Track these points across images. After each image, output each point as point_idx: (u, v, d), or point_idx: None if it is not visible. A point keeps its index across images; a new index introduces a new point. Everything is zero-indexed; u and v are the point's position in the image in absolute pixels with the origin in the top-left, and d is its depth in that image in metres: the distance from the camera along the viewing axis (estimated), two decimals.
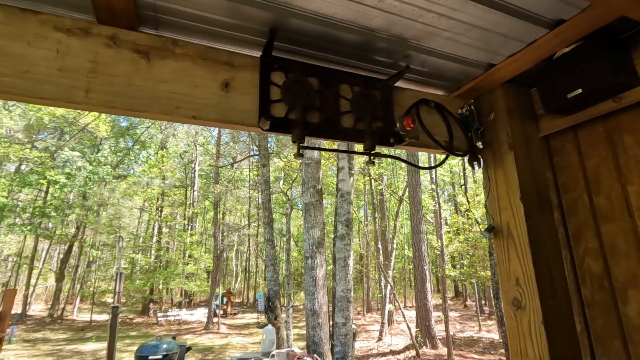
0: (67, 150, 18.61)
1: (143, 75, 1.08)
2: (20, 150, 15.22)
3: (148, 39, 1.12)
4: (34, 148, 17.30)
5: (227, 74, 1.20)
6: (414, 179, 12.67)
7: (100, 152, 20.15)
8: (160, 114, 1.08)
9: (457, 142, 1.54)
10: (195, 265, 21.17)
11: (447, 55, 1.36)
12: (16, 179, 17.40)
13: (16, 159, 17.23)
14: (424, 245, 11.96)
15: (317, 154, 5.70)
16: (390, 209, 21.77)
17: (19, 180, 17.15)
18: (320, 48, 1.29)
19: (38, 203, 20.11)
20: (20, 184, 17.18)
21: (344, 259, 5.06)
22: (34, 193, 20.96)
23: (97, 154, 19.79)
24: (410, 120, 1.32)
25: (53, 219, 19.62)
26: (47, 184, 17.77)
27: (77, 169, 18.60)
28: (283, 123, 1.21)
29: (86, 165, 17.97)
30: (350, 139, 1.31)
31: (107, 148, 20.64)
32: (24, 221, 18.94)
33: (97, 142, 19.85)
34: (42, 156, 16.23)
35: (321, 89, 1.32)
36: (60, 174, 16.02)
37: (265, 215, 7.54)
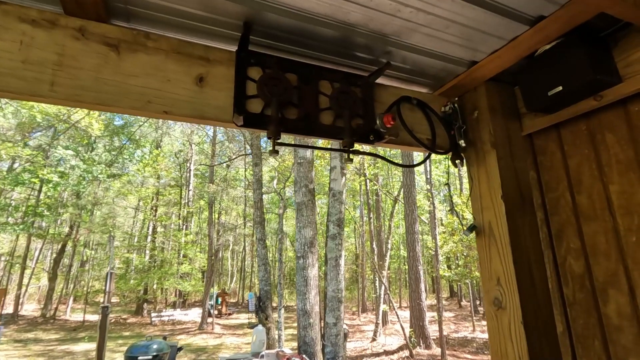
0: (61, 148, 18.46)
1: (112, 69, 1.05)
2: (12, 148, 15.06)
3: (118, 31, 1.09)
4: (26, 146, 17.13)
5: (201, 69, 1.17)
6: (409, 179, 12.68)
7: (95, 150, 20.01)
8: (130, 108, 1.05)
9: (440, 140, 1.52)
10: (189, 265, 21.07)
11: (428, 52, 1.34)
12: (8, 177, 17.23)
13: (8, 157, 17.05)
14: (418, 246, 11.97)
15: (310, 153, 5.68)
16: (386, 209, 21.80)
17: (12, 179, 16.98)
18: (298, 43, 1.27)
19: (31, 202, 19.94)
20: (12, 183, 17.02)
21: (335, 258, 5.04)
22: (27, 192, 20.77)
23: (92, 153, 19.65)
24: (391, 117, 1.30)
25: (46, 218, 19.45)
26: (40, 182, 17.61)
27: (70, 167, 18.45)
28: (258, 119, 1.19)
29: (80, 164, 17.83)
30: (328, 136, 1.29)
31: (102, 147, 20.50)
32: (17, 220, 18.77)
33: (91, 141, 19.70)
34: (33, 154, 16.05)
35: (300, 85, 1.29)
36: (53, 173, 15.87)
37: (257, 214, 7.50)
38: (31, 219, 18.68)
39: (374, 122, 1.37)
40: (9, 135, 16.79)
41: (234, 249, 32.06)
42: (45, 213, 18.77)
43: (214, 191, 17.29)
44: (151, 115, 1.09)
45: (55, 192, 19.07)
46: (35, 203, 19.35)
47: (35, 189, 19.85)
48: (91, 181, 18.76)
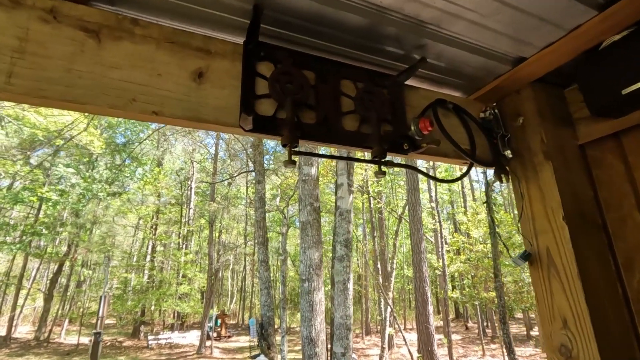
0: (62, 166, 18.34)
1: (89, 59, 0.84)
2: (12, 166, 14.93)
3: (100, 15, 0.88)
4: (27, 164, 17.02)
5: (200, 62, 0.96)
6: (414, 197, 12.42)
7: (96, 169, 19.87)
8: (109, 107, 0.83)
9: (480, 150, 1.29)
10: (188, 285, 20.54)
11: (469, 45, 1.14)
12: (8, 195, 17.03)
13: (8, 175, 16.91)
14: (424, 266, 11.58)
15: (315, 170, 5.46)
16: (389, 227, 21.42)
17: (11, 198, 16.77)
18: (317, 34, 1.07)
19: (30, 221, 19.66)
20: (12, 201, 16.80)
21: (343, 282, 4.72)
22: (26, 210, 20.53)
23: (92, 171, 19.50)
24: (428, 122, 1.07)
25: (44, 237, 19.13)
26: (40, 201, 17.39)
27: (71, 185, 18.27)
28: (270, 123, 0.97)
29: (80, 182, 17.67)
30: (353, 144, 1.06)
31: (103, 165, 20.37)
32: (15, 239, 18.44)
33: (92, 159, 19.60)
34: (32, 172, 15.92)
35: (318, 84, 1.08)
36: (53, 191, 15.68)
37: (259, 234, 7.18)
38: (29, 238, 18.36)
39: (405, 129, 1.14)
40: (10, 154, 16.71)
41: (234, 269, 31.43)
42: (43, 232, 18.46)
43: (214, 209, 17.02)
44: (135, 117, 0.87)
45: (55, 211, 18.82)
46: (34, 222, 19.07)
47: (35, 207, 19.62)
48: (91, 199, 18.54)
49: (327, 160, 11.40)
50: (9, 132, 16.82)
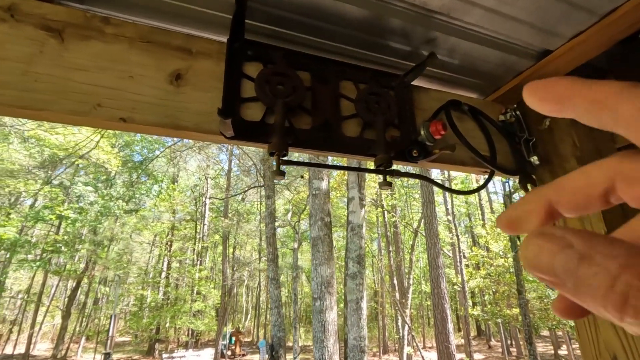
0: (81, 185, 18.81)
1: (50, 61, 0.75)
2: (33, 185, 15.36)
3: (66, 13, 0.79)
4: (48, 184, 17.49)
5: (180, 63, 0.85)
6: (429, 210, 12.09)
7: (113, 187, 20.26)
8: (69, 114, 0.73)
9: (502, 157, 1.14)
10: (203, 302, 20.43)
11: (486, 38, 1.00)
12: (30, 214, 17.48)
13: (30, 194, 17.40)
14: (443, 281, 11.15)
15: (325, 183, 5.32)
16: (405, 241, 20.94)
17: (32, 216, 17.20)
18: (312, 30, 0.95)
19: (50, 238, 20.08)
20: (33, 219, 17.22)
21: (356, 300, 4.49)
22: (47, 228, 21.00)
23: (110, 189, 19.88)
24: (441, 125, 0.93)
25: (63, 254, 19.46)
26: (59, 219, 17.78)
27: (89, 203, 18.67)
28: (257, 129, 0.85)
29: (98, 200, 18.02)
30: (354, 151, 0.93)
31: (120, 183, 20.77)
32: (36, 257, 18.81)
33: (110, 177, 20.03)
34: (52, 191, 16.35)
35: (314, 86, 0.96)
36: (69, 209, 16.03)
37: (269, 250, 7.00)
38: (49, 256, 18.71)
39: (415, 134, 1.01)
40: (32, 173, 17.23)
41: (248, 285, 31.21)
42: (62, 249, 18.79)
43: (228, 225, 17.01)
44: (100, 124, 0.77)
45: (74, 229, 19.18)
46: (54, 239, 19.46)
47: (55, 225, 20.05)
48: (108, 217, 18.84)
49: (339, 174, 11.27)
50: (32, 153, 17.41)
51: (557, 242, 0.16)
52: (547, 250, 0.16)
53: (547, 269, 0.16)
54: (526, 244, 0.18)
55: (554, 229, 0.17)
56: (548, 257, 0.16)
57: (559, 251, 0.16)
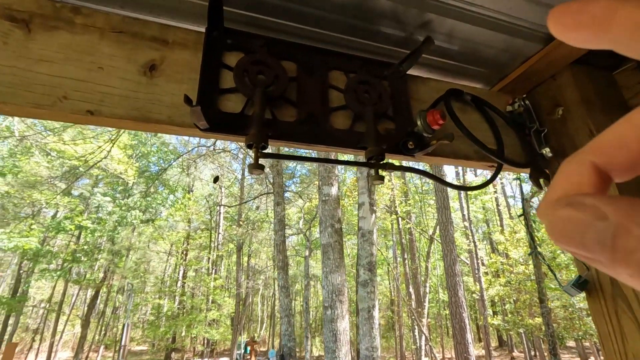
0: (99, 195, 19.29)
1: (13, 53, 0.71)
2: (53, 197, 15.82)
3: (33, 3, 0.76)
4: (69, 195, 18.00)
5: (154, 53, 0.80)
6: (445, 216, 11.81)
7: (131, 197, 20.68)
8: (31, 107, 0.68)
9: (511, 150, 1.04)
10: (218, 311, 20.46)
11: (487, 19, 0.92)
12: (51, 224, 17.99)
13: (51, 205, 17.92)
14: (460, 290, 10.81)
15: (335, 189, 5.24)
16: (421, 249, 20.53)
17: (54, 227, 17.70)
18: (297, 16, 0.89)
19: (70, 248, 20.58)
20: (55, 230, 17.71)
21: (367, 309, 4.35)
22: (67, 238, 21.56)
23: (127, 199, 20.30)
24: (439, 114, 0.85)
25: (83, 264, 19.90)
26: (79, 229, 18.23)
27: (108, 213, 19.10)
28: (235, 121, 0.78)
29: (116, 210, 18.41)
30: (343, 144, 0.85)
31: (137, 193, 21.19)
32: (57, 266, 19.30)
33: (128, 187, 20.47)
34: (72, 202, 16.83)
35: (300, 76, 0.90)
36: (88, 219, 16.44)
37: (279, 258, 6.91)
38: (69, 265, 19.15)
39: (411, 125, 0.93)
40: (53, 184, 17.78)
41: (263, 294, 31.14)
42: (82, 259, 19.22)
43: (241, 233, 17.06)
44: (65, 118, 0.72)
45: (93, 238, 19.63)
46: (74, 249, 19.93)
47: (75, 235, 20.56)
48: (126, 226, 19.22)
49: (351, 180, 11.17)
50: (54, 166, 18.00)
51: (588, 212, 0.14)
52: (577, 223, 0.14)
53: (578, 243, 0.14)
54: (552, 215, 0.15)
55: (584, 197, 0.15)
56: (578, 230, 0.14)
57: (591, 223, 0.14)
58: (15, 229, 15.77)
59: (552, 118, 1.07)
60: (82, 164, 15.00)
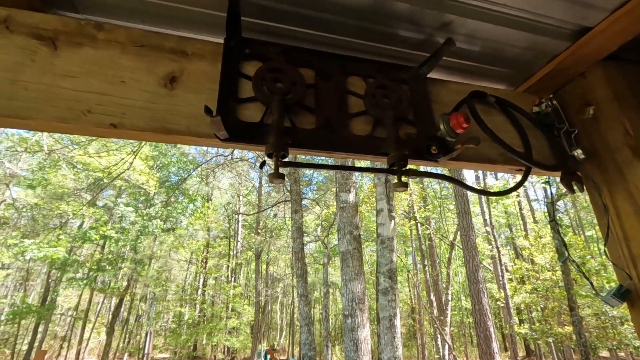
0: (122, 205, 19.86)
1: (40, 69, 0.73)
2: (79, 208, 16.38)
3: (58, 21, 0.78)
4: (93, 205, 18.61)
5: (173, 65, 0.81)
6: (465, 221, 11.52)
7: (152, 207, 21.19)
8: (56, 121, 0.70)
9: (538, 152, 1.00)
10: (237, 319, 20.56)
11: (511, 18, 0.89)
12: (78, 234, 18.65)
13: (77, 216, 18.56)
14: (484, 297, 10.47)
15: (353, 196, 5.20)
16: (441, 255, 20.09)
17: (80, 236, 18.33)
18: (312, 22, 0.89)
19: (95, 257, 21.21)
20: (81, 239, 18.33)
21: (389, 318, 4.26)
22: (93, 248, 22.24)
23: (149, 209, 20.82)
24: (462, 117, 0.82)
25: (107, 272, 20.45)
26: (104, 239, 18.80)
27: (130, 223, 19.62)
28: (254, 130, 0.78)
29: (138, 219, 18.89)
30: (364, 150, 0.84)
31: (158, 202, 21.70)
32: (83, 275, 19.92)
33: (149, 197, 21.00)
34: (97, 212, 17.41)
35: (318, 83, 0.89)
36: (112, 229, 16.95)
37: (298, 266, 6.89)
38: (94, 274, 19.74)
39: (433, 130, 0.90)
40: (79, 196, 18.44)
41: (282, 301, 31.11)
42: (107, 268, 19.77)
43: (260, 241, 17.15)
44: (89, 131, 0.73)
45: (117, 248, 20.19)
46: (99, 259, 20.53)
47: (100, 244, 21.20)
48: (147, 236, 19.68)
49: (369, 186, 11.08)
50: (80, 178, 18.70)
51: None
52: None
53: None
54: None
55: None
56: None
57: None
58: (45, 240, 16.39)
59: (582, 118, 1.02)
60: (106, 175, 15.52)
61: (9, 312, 18.11)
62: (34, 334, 20.56)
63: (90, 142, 13.08)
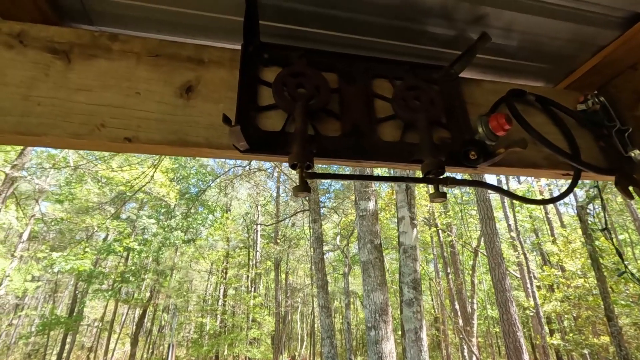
0: (145, 218, 20.32)
1: (52, 83, 0.70)
2: (104, 221, 16.83)
3: (72, 34, 0.75)
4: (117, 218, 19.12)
5: (190, 74, 0.77)
6: (489, 227, 11.14)
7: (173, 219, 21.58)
8: (70, 137, 0.66)
9: (587, 154, 0.90)
10: (258, 329, 20.52)
11: (552, 7, 0.80)
12: (103, 247, 19.17)
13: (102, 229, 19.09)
14: (512, 306, 10.03)
15: (373, 204, 5.09)
16: (464, 262, 19.51)
17: (105, 249, 18.84)
18: (334, 23, 0.83)
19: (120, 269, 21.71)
20: (105, 252, 18.84)
21: (414, 330, 4.09)
22: (117, 260, 22.78)
23: (170, 221, 21.22)
24: (504, 118, 0.74)
25: (131, 284, 20.88)
26: (127, 251, 19.25)
27: (152, 235, 20.04)
28: (276, 139, 0.72)
29: (160, 231, 19.27)
30: (395, 158, 0.76)
31: (179, 214, 22.09)
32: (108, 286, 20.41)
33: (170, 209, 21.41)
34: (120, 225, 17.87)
35: (342, 87, 0.83)
36: (135, 241, 17.34)
37: (318, 277, 6.78)
38: (119, 285, 20.19)
39: (469, 133, 0.82)
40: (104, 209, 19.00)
41: (302, 311, 30.89)
42: (130, 279, 20.19)
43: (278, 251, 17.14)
44: (103, 147, 0.69)
45: (139, 259, 20.62)
46: (123, 270, 21.00)
47: (124, 256, 21.71)
48: (169, 247, 20.02)
49: (387, 193, 10.92)
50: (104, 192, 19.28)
51: None
52: None
53: None
54: None
55: None
56: None
57: None
58: (72, 252, 16.90)
59: (636, 114, 0.92)
60: (129, 189, 15.93)
61: (39, 323, 18.69)
62: (62, 345, 21.10)
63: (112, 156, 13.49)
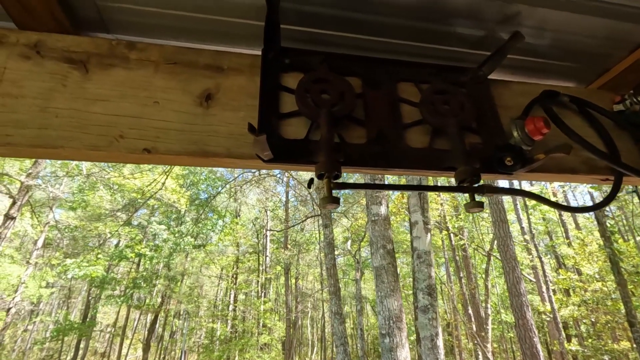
0: (155, 224, 20.51)
1: (70, 94, 0.68)
2: (116, 228, 17.03)
3: (90, 43, 0.73)
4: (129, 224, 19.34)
5: (209, 82, 0.74)
6: (503, 230, 10.93)
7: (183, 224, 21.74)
8: (88, 149, 0.64)
9: (627, 157, 0.85)
10: (269, 335, 20.45)
11: (588, 3, 0.76)
12: (115, 253, 19.40)
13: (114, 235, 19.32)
14: (528, 311, 9.79)
15: (385, 208, 5.03)
16: (477, 266, 19.19)
17: (117, 255, 19.06)
18: (357, 25, 0.80)
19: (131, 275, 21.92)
20: (118, 258, 19.05)
21: (430, 338, 4.00)
22: (129, 266, 23.02)
23: (180, 226, 21.37)
24: (542, 122, 0.70)
25: (143, 289, 21.05)
26: (138, 257, 19.44)
27: (163, 241, 20.21)
28: (300, 147, 0.69)
29: (170, 237, 19.42)
30: (425, 165, 0.72)
31: (189, 220, 22.25)
32: (121, 292, 20.61)
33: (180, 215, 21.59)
34: (132, 231, 18.06)
35: (366, 92, 0.79)
36: (146, 247, 17.50)
37: (330, 282, 6.71)
38: (130, 291, 20.38)
39: (503, 137, 0.78)
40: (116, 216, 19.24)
41: (313, 316, 30.72)
42: (142, 285, 20.36)
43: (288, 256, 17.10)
44: (121, 158, 0.67)
45: (151, 265, 20.80)
46: (134, 276, 21.20)
47: (136, 262, 21.93)
48: (179, 252, 20.16)
49: (397, 197, 10.81)
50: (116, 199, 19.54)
51: None
52: None
53: None
54: None
55: None
56: None
57: None
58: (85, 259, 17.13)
59: None
60: (140, 195, 16.11)
61: (53, 329, 18.92)
62: (76, 350, 21.33)
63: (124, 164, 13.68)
